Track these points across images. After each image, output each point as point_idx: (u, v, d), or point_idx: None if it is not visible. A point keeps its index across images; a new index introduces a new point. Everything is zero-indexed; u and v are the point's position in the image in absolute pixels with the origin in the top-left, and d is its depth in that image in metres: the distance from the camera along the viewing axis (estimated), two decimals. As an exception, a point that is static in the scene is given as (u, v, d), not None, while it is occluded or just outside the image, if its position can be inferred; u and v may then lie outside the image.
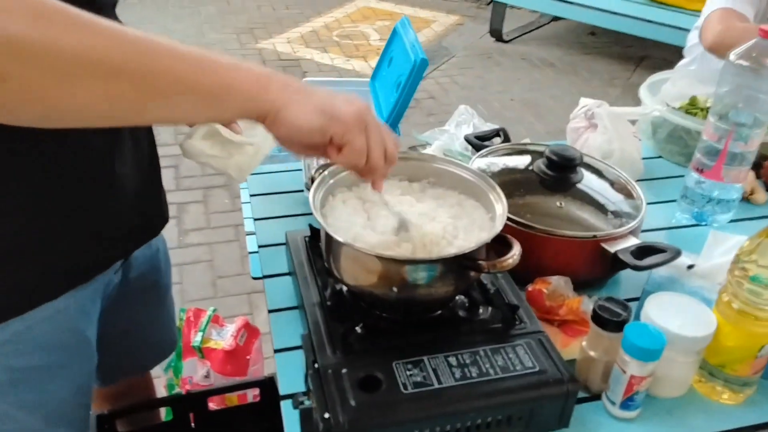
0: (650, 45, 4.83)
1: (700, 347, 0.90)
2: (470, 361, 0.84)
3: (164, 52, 0.64)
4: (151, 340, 1.35)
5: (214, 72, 0.68)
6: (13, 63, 0.56)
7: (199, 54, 0.67)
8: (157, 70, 0.64)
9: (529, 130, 3.85)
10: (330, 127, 0.73)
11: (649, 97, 1.56)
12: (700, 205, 1.30)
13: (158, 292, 1.29)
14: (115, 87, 0.62)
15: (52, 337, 0.97)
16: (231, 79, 0.69)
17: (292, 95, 0.72)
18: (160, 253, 1.25)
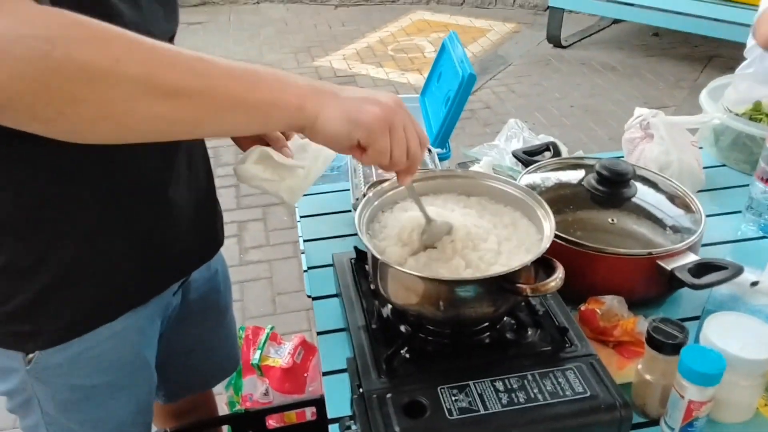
0: (719, 44, 4.65)
1: (764, 370, 0.85)
2: (518, 385, 0.82)
3: (217, 72, 0.70)
4: (213, 359, 1.38)
5: (260, 88, 0.73)
6: (84, 88, 0.61)
7: (246, 70, 0.73)
8: (212, 89, 0.69)
9: (589, 137, 3.76)
10: (355, 133, 0.77)
11: (710, 104, 1.50)
12: (766, 217, 1.23)
13: (218, 312, 1.31)
14: (175, 106, 0.67)
15: (112, 357, 1.01)
16: (275, 95, 0.74)
17: (324, 102, 0.77)
18: (219, 274, 1.27)
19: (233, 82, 0.71)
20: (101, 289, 0.95)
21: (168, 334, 1.18)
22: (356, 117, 0.76)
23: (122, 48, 0.63)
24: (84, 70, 0.61)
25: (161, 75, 0.65)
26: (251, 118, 0.74)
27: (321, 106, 0.76)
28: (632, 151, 1.40)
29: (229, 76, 0.71)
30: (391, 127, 0.78)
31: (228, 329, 1.39)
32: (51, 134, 0.65)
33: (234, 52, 5.06)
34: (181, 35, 0.97)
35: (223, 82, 0.70)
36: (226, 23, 5.68)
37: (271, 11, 5.99)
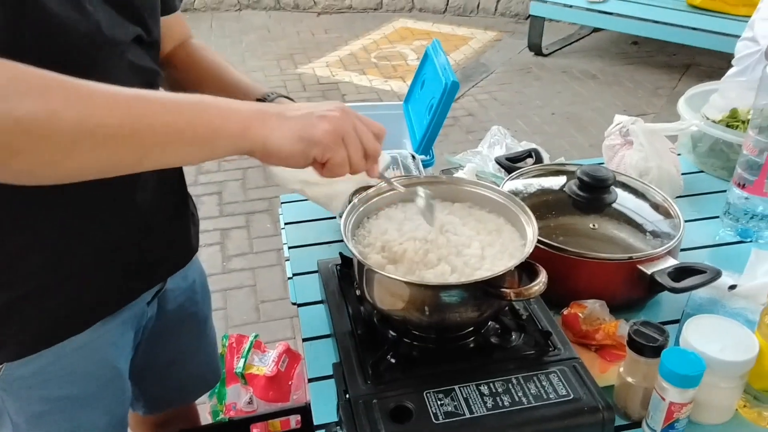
0: (696, 52, 4.73)
1: (742, 372, 0.87)
2: (502, 389, 0.83)
3: (155, 108, 0.71)
4: (194, 371, 1.36)
5: (201, 120, 0.73)
6: (23, 139, 0.63)
7: (187, 104, 0.74)
8: (150, 128, 0.70)
9: (571, 144, 3.80)
10: (310, 151, 0.78)
11: (688, 111, 1.52)
12: (744, 222, 1.26)
13: (197, 323, 1.29)
14: (115, 148, 0.69)
15: (82, 368, 1.00)
16: (217, 124, 0.74)
17: (270, 125, 0.76)
18: (197, 284, 1.26)
19: (172, 117, 0.72)
20: (68, 300, 0.94)
21: (145, 345, 1.16)
22: (308, 135, 0.77)
23: (59, 99, 0.64)
24: (22, 124, 0.62)
25: (98, 120, 0.67)
26: (195, 149, 0.75)
27: (267, 130, 0.76)
28: (612, 158, 1.42)
29: (167, 112, 0.71)
30: (344, 136, 0.79)
31: (208, 340, 1.37)
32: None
33: (216, 59, 5.05)
34: None
35: (161, 119, 0.71)
36: (207, 30, 5.67)
37: (253, 18, 5.99)
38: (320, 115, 0.78)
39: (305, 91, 4.56)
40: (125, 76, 0.87)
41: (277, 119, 0.77)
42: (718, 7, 4.16)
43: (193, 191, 1.15)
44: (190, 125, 0.72)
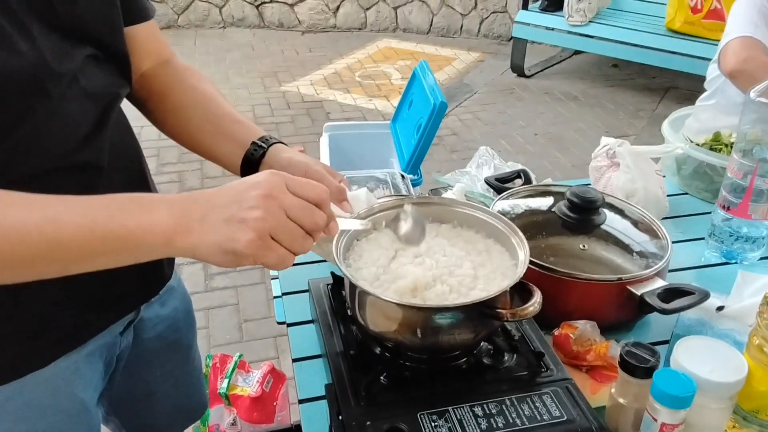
0: (676, 75, 4.82)
1: (732, 393, 0.87)
2: (496, 410, 0.83)
3: (68, 230, 0.68)
4: (177, 402, 1.29)
5: (118, 233, 0.70)
6: None
7: (102, 213, 0.70)
8: (66, 248, 0.69)
9: (554, 165, 3.84)
10: (240, 262, 0.71)
11: (671, 134, 1.55)
12: (728, 243, 1.28)
13: (180, 352, 1.23)
14: (31, 268, 0.70)
15: (46, 402, 0.94)
16: (137, 236, 0.70)
17: (195, 233, 0.70)
18: (179, 311, 1.19)
19: (86, 236, 0.69)
20: (29, 336, 0.89)
21: (122, 375, 1.11)
22: (232, 249, 0.70)
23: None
24: None
25: (9, 250, 0.66)
26: (119, 260, 0.72)
27: (192, 238, 0.70)
28: (599, 179, 1.44)
29: (80, 231, 0.68)
30: (273, 234, 0.70)
31: (192, 369, 1.30)
32: None
33: (200, 76, 5.04)
34: None
35: (75, 240, 0.68)
36: (191, 47, 5.67)
37: (237, 36, 6.00)
38: (240, 220, 0.69)
39: (290, 109, 4.57)
40: (78, 104, 0.84)
41: (200, 226, 0.70)
42: (697, 31, 4.25)
43: None
44: (106, 242, 0.69)
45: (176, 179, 3.62)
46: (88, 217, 0.69)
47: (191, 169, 3.72)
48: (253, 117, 4.42)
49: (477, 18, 6.05)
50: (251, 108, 4.55)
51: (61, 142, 0.83)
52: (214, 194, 0.72)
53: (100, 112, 0.88)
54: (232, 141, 1.01)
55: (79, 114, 0.85)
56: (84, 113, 0.86)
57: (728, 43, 1.78)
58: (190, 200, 0.72)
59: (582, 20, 4.64)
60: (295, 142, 3.99)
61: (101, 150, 0.89)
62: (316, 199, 0.74)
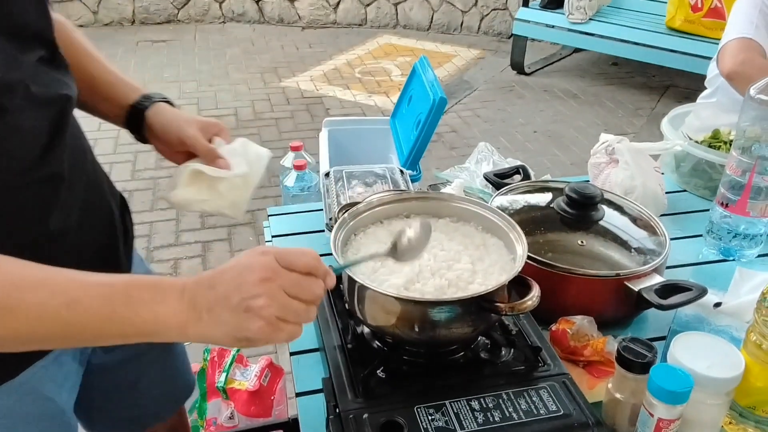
0: (675, 74, 4.82)
1: (729, 389, 0.88)
2: (493, 404, 0.83)
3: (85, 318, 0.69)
4: (162, 388, 1.28)
5: (132, 324, 0.70)
6: None
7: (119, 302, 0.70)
8: (81, 334, 0.71)
9: (553, 162, 3.83)
10: (253, 344, 0.73)
11: (671, 131, 1.55)
12: (726, 240, 1.28)
13: (157, 349, 1.22)
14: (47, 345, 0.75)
15: (20, 409, 0.92)
16: (150, 328, 0.71)
17: (206, 323, 0.71)
18: None
19: (102, 325, 0.70)
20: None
21: (102, 371, 1.10)
22: (245, 336, 0.71)
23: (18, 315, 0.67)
24: None
25: (27, 333, 0.69)
26: (132, 341, 0.72)
27: (204, 328, 0.71)
28: (598, 176, 1.44)
29: (97, 320, 0.70)
30: (279, 315, 0.71)
31: (176, 358, 1.29)
32: None
33: (199, 71, 5.04)
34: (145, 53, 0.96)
35: (91, 329, 0.70)
36: (191, 42, 5.66)
37: (237, 31, 5.99)
38: (246, 309, 0.69)
39: (289, 105, 4.57)
40: (32, 114, 0.80)
41: (209, 317, 0.70)
42: (697, 30, 4.25)
43: None
44: (122, 329, 0.71)
45: (150, 186, 3.54)
46: (107, 306, 0.70)
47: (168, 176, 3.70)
48: (253, 112, 4.42)
49: (477, 15, 6.04)
50: (251, 103, 4.54)
51: (20, 158, 0.79)
52: (216, 280, 0.72)
53: (56, 118, 0.84)
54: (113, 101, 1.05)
55: (35, 125, 0.81)
56: (40, 123, 0.81)
57: (726, 44, 1.78)
58: (197, 288, 0.71)
59: (582, 18, 4.63)
60: (294, 137, 3.99)
61: (62, 159, 0.86)
62: (308, 268, 0.73)
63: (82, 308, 0.69)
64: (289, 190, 1.92)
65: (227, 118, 4.32)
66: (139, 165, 3.74)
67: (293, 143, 2.09)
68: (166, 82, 4.71)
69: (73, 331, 0.70)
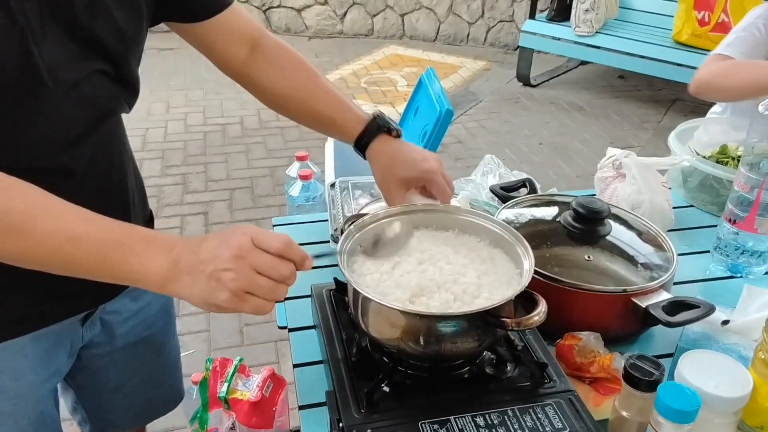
0: (681, 88, 4.80)
1: (736, 408, 0.87)
2: (498, 421, 0.82)
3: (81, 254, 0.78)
4: (146, 396, 1.29)
5: (121, 270, 0.79)
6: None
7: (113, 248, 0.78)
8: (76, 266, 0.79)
9: (558, 175, 3.83)
10: (222, 311, 0.79)
11: (678, 146, 1.54)
12: (734, 257, 1.27)
13: (153, 347, 1.24)
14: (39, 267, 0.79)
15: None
16: (136, 276, 0.79)
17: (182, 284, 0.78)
18: (152, 307, 1.20)
19: (95, 263, 0.78)
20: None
21: (90, 369, 1.13)
22: (213, 302, 0.78)
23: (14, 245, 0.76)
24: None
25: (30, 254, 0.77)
26: (118, 283, 0.81)
27: (180, 288, 0.79)
28: (605, 190, 1.43)
29: (91, 258, 0.78)
30: (246, 289, 0.77)
31: (166, 363, 1.31)
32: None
33: (206, 79, 5.05)
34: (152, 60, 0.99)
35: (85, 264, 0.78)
36: (199, 51, 5.68)
37: (244, 40, 6.01)
38: (216, 279, 0.76)
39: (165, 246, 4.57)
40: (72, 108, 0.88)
41: (187, 278, 0.78)
42: (703, 44, 4.25)
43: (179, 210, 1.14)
44: (112, 273, 0.79)
45: (180, 181, 3.62)
46: (102, 250, 0.78)
47: (195, 172, 3.72)
48: (258, 121, 4.43)
49: (484, 27, 6.06)
50: (257, 112, 4.55)
51: (45, 144, 0.86)
52: (200, 246, 0.79)
53: (93, 120, 0.92)
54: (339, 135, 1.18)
55: (70, 120, 0.88)
56: (74, 121, 0.89)
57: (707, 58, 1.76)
58: (184, 250, 0.79)
59: (589, 31, 4.64)
60: (299, 146, 3.99)
61: (82, 157, 0.93)
62: (279, 252, 0.79)
63: (82, 247, 0.77)
64: (294, 200, 1.92)
65: (233, 127, 4.33)
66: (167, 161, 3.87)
67: (299, 153, 2.09)
68: (172, 90, 4.72)
69: (70, 264, 0.78)
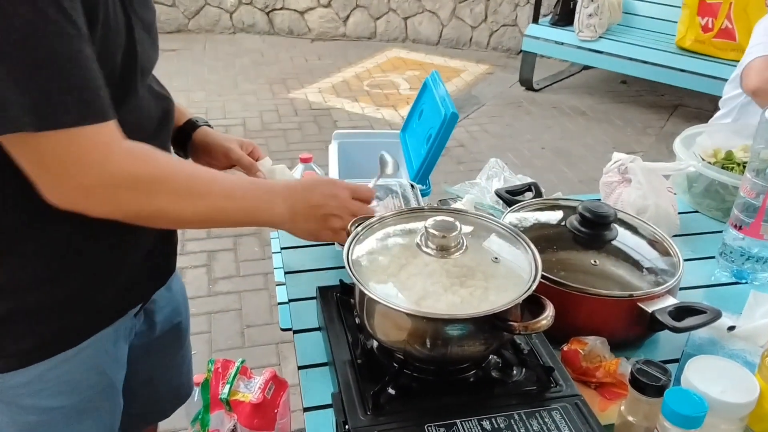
0: (684, 93, 4.82)
1: (743, 414, 0.86)
2: (504, 425, 0.82)
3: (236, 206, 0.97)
4: (172, 385, 1.36)
5: (256, 217, 1.01)
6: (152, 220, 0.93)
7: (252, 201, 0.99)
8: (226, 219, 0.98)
9: (560, 179, 3.83)
10: (321, 240, 1.08)
11: (683, 151, 1.54)
12: (739, 263, 1.27)
13: (180, 333, 1.31)
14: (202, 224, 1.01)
15: (76, 378, 1.01)
16: (265, 218, 1.01)
17: (296, 224, 1.03)
18: (179, 294, 1.29)
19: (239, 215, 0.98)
20: (66, 313, 0.96)
21: (133, 363, 1.16)
22: (318, 237, 1.05)
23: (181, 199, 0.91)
24: (156, 213, 0.90)
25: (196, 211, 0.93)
26: (255, 225, 1.06)
27: (293, 227, 1.03)
28: (610, 195, 1.43)
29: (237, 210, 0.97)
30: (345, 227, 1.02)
31: (186, 353, 1.39)
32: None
33: (208, 80, 5.06)
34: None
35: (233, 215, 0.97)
36: (201, 52, 5.69)
37: (246, 42, 6.02)
38: (324, 220, 1.03)
39: (297, 116, 4.58)
40: (152, 104, 1.01)
41: (302, 218, 1.02)
42: (707, 50, 4.25)
43: None
44: (250, 218, 1.01)
45: None
46: (246, 204, 0.98)
47: None
48: (261, 123, 4.43)
49: (487, 31, 6.06)
50: (259, 114, 4.56)
51: (137, 134, 0.92)
52: (311, 194, 1.03)
53: (164, 111, 1.05)
54: None
55: (149, 111, 1.01)
56: (154, 112, 1.02)
57: (752, 61, 1.78)
58: (296, 198, 1.02)
59: (592, 36, 4.64)
60: (302, 149, 3.99)
61: (165, 147, 1.08)
62: (370, 197, 1.10)
63: (233, 201, 0.96)
64: (298, 202, 1.92)
65: (235, 129, 4.34)
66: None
67: (303, 155, 2.09)
68: (175, 91, 4.66)
69: (224, 214, 0.96)
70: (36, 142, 0.77)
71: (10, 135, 0.77)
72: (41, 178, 0.81)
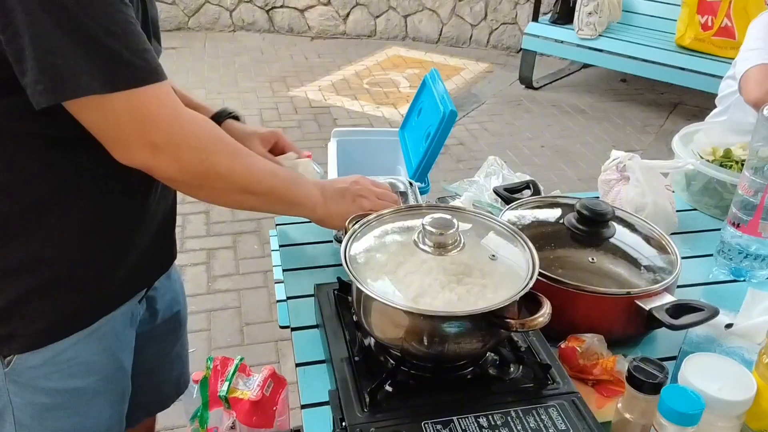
0: (684, 92, 4.82)
1: (740, 411, 0.86)
2: (501, 422, 0.82)
3: (282, 186, 1.05)
4: (172, 374, 1.38)
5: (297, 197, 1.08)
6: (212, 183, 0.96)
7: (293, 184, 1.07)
8: (272, 199, 1.05)
9: (560, 177, 3.83)
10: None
11: (682, 149, 1.54)
12: (737, 261, 1.27)
13: (179, 323, 1.33)
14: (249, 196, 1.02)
15: (89, 360, 1.03)
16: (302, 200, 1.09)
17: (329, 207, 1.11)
18: (177, 282, 1.31)
19: (285, 193, 1.06)
20: (80, 293, 0.99)
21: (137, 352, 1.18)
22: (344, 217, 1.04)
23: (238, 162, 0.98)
24: (217, 174, 0.95)
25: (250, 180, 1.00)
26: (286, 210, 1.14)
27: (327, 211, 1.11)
28: (608, 192, 1.43)
29: (282, 190, 1.06)
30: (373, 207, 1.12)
31: (184, 342, 1.41)
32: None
33: (208, 78, 5.06)
34: None
35: (278, 196, 1.06)
36: (200, 49, 5.68)
37: (246, 40, 6.02)
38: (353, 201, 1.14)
39: (297, 114, 4.58)
40: None
41: (332, 200, 1.12)
42: (706, 48, 4.25)
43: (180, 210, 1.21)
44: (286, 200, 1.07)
45: None
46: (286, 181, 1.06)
47: None
48: (261, 121, 4.43)
49: (486, 29, 6.06)
50: (258, 112, 4.56)
51: None
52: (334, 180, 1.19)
53: None
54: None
55: None
56: None
57: (750, 70, 1.77)
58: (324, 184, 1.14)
59: (592, 34, 4.64)
60: (302, 147, 3.97)
61: None
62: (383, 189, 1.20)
63: (275, 178, 1.04)
64: (297, 200, 1.92)
65: (235, 126, 4.33)
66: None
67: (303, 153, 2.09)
68: (175, 88, 4.71)
69: (268, 186, 1.02)
70: (109, 103, 0.83)
71: (82, 99, 0.81)
72: (111, 138, 0.87)
